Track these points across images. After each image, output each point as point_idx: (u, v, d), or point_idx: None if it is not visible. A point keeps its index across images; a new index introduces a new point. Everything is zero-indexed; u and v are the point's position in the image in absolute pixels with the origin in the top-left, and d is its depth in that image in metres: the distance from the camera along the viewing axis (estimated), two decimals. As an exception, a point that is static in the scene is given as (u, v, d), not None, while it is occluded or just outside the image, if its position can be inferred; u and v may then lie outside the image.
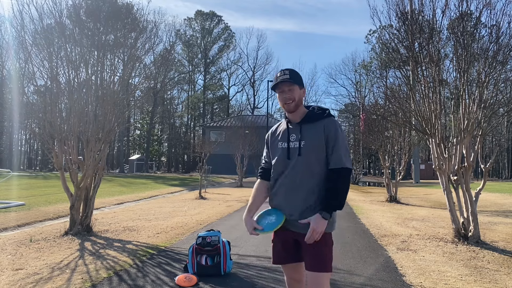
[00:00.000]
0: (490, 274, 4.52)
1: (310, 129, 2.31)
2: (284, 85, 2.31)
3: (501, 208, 11.77)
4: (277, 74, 2.35)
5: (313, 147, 2.26)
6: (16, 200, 12.03)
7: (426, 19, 6.48)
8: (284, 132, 2.39)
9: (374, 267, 4.77)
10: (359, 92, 47.39)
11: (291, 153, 2.30)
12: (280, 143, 2.38)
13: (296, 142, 2.31)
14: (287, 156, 2.31)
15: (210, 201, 13.34)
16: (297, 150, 2.28)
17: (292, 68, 2.40)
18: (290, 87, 2.32)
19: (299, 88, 2.36)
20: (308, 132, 2.30)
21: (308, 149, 2.26)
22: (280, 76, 2.32)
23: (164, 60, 10.22)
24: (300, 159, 2.26)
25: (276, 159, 2.37)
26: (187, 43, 57.54)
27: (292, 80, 2.30)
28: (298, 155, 2.27)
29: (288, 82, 2.30)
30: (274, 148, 2.43)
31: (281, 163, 2.33)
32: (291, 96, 2.31)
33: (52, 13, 6.63)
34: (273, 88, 2.36)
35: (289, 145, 2.33)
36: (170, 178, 31.84)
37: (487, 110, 6.17)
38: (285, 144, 2.35)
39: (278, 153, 2.37)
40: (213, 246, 4.43)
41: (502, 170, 49.00)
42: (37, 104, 7.01)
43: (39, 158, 57.27)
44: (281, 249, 2.36)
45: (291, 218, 2.23)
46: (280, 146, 2.38)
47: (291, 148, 2.31)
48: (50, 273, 4.36)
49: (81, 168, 6.84)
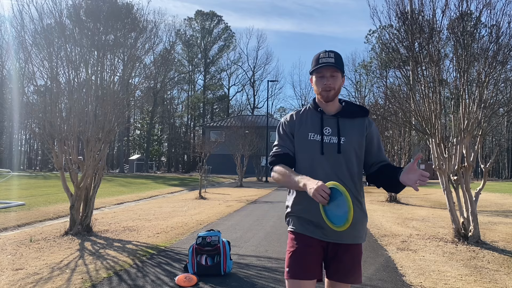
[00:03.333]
0: (490, 274, 4.52)
1: (350, 126, 2.01)
2: (327, 69, 1.96)
3: (501, 208, 11.78)
4: (320, 55, 1.99)
5: (354, 145, 1.98)
6: (16, 200, 12.03)
7: (426, 19, 6.48)
8: (315, 123, 2.02)
9: (374, 267, 4.77)
10: (359, 92, 47.40)
11: (326, 148, 1.96)
12: (312, 135, 2.00)
13: (333, 136, 1.98)
14: (320, 150, 1.96)
15: (210, 201, 13.34)
16: (335, 146, 1.96)
17: (337, 51, 2.01)
18: (334, 73, 1.97)
19: (341, 75, 2.02)
20: (347, 128, 2.00)
21: (349, 146, 1.97)
22: (323, 58, 1.96)
23: (164, 60, 10.22)
24: (339, 158, 1.95)
25: (305, 152, 1.99)
26: (187, 43, 57.52)
27: (337, 65, 1.95)
28: (338, 153, 1.95)
29: (333, 67, 1.95)
30: (302, 137, 2.01)
31: (312, 158, 1.97)
32: (332, 84, 1.96)
33: (52, 13, 6.63)
34: (313, 71, 2.01)
35: (323, 138, 1.98)
36: (170, 178, 31.84)
37: (487, 110, 6.17)
38: (318, 137, 1.99)
39: (309, 145, 1.99)
40: (213, 246, 4.43)
41: (502, 170, 49.00)
42: (37, 104, 7.01)
43: (39, 158, 57.25)
44: (313, 262, 1.92)
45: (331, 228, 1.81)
46: (312, 138, 1.99)
47: (325, 143, 1.97)
48: (50, 273, 4.36)
49: (81, 168, 6.84)
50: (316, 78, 2.01)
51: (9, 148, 51.97)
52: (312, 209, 1.89)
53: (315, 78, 2.01)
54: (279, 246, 5.86)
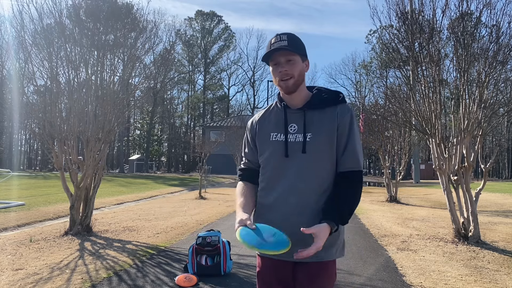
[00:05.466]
0: (490, 274, 4.52)
1: (319, 118, 1.69)
2: (280, 54, 1.66)
3: (501, 208, 11.77)
4: (271, 40, 1.69)
5: (323, 142, 1.66)
6: (16, 200, 12.02)
7: (426, 19, 6.48)
8: (279, 120, 1.74)
9: (374, 267, 4.77)
10: (359, 92, 47.44)
11: (291, 149, 1.67)
12: (274, 135, 1.73)
13: (298, 134, 1.68)
14: (284, 152, 1.67)
15: (210, 201, 13.34)
16: (300, 145, 1.66)
17: (292, 33, 1.71)
18: (289, 57, 1.66)
19: (301, 59, 1.70)
20: (315, 122, 1.69)
21: (316, 144, 1.66)
22: (275, 43, 1.66)
23: (164, 60, 10.20)
24: (304, 158, 1.65)
25: (267, 156, 1.73)
26: (187, 43, 57.52)
27: (291, 48, 1.64)
28: (302, 152, 1.66)
29: (286, 51, 1.65)
30: (263, 140, 1.76)
31: (275, 162, 1.70)
32: (289, 70, 1.66)
33: (52, 13, 6.64)
34: (265, 58, 1.70)
35: (287, 137, 1.69)
36: (170, 178, 31.83)
37: (487, 110, 6.17)
38: (281, 136, 1.71)
39: (270, 147, 1.72)
40: (213, 246, 4.43)
41: (502, 170, 48.99)
42: (37, 104, 7.01)
43: (39, 158, 57.25)
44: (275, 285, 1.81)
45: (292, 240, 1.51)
46: (274, 139, 1.72)
47: (290, 142, 1.68)
48: (50, 273, 4.36)
49: (81, 168, 6.84)
50: (272, 67, 1.71)
51: (9, 148, 51.96)
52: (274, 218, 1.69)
53: (271, 67, 1.71)
54: (279, 246, 5.85)
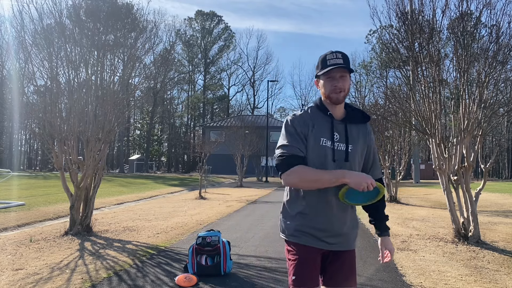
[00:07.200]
0: (490, 274, 4.52)
1: (356, 132, 1.97)
2: (337, 71, 1.88)
3: (501, 208, 11.77)
4: (326, 56, 1.90)
5: (359, 154, 1.96)
6: (16, 200, 12.03)
7: (426, 19, 6.47)
8: (326, 127, 1.92)
9: (374, 267, 4.76)
10: (359, 92, 47.32)
11: (337, 155, 1.89)
12: (324, 140, 1.89)
13: (341, 143, 1.91)
14: (332, 157, 1.88)
15: (210, 201, 13.34)
16: (343, 154, 1.89)
17: (343, 51, 1.92)
18: (343, 74, 1.89)
19: (349, 76, 1.95)
20: (354, 135, 1.95)
21: (355, 155, 1.93)
22: (332, 60, 1.88)
23: (164, 60, 10.22)
24: (347, 166, 1.89)
25: (314, 157, 1.88)
26: (187, 43, 57.53)
27: (346, 66, 1.88)
28: (345, 161, 1.89)
29: (342, 69, 1.88)
30: (314, 142, 1.89)
31: (323, 165, 1.87)
32: (343, 85, 1.89)
33: (52, 13, 6.64)
34: (320, 74, 1.93)
35: (334, 145, 1.90)
36: (170, 178, 31.84)
37: (487, 110, 6.17)
38: (329, 143, 1.89)
39: (320, 151, 1.88)
40: (213, 246, 4.43)
41: (502, 170, 48.98)
42: (37, 104, 7.01)
43: (39, 158, 57.25)
44: (314, 271, 1.93)
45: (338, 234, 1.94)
46: (324, 144, 1.89)
47: (336, 150, 1.89)
48: (50, 273, 4.36)
49: (81, 168, 6.84)
50: (325, 80, 1.91)
51: (9, 148, 51.96)
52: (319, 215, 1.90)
53: (324, 80, 1.92)
54: (279, 246, 5.85)
